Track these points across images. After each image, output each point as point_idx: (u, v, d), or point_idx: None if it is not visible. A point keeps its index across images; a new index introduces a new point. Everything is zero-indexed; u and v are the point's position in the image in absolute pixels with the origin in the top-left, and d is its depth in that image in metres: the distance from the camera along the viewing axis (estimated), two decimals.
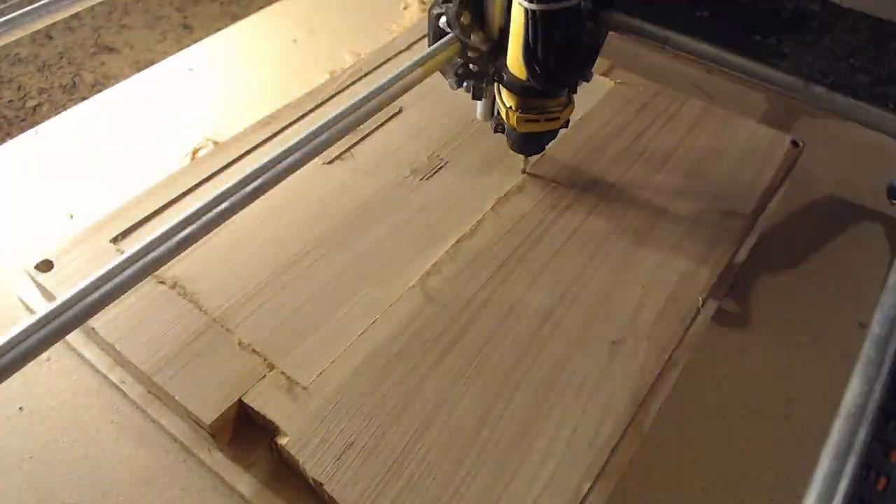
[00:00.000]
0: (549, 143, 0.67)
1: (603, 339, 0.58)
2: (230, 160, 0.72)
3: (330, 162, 0.72)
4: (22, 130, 0.83)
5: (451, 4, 0.60)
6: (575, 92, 0.62)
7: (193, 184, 0.69)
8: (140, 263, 0.44)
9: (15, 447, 0.55)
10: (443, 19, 0.61)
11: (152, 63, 0.94)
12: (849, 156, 0.82)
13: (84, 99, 0.89)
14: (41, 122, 0.84)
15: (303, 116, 0.77)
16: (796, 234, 0.74)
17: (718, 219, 0.67)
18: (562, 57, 0.53)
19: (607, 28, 0.62)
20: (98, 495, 0.53)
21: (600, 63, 0.85)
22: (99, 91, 0.91)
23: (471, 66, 0.63)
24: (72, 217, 0.73)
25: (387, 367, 0.55)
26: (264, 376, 0.54)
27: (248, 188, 0.51)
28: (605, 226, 0.67)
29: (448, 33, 0.61)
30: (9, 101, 1.36)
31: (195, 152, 0.78)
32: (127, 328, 0.57)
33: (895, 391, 0.47)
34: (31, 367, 0.60)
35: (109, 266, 0.44)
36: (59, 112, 0.85)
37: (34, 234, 0.71)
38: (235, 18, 1.07)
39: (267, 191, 0.52)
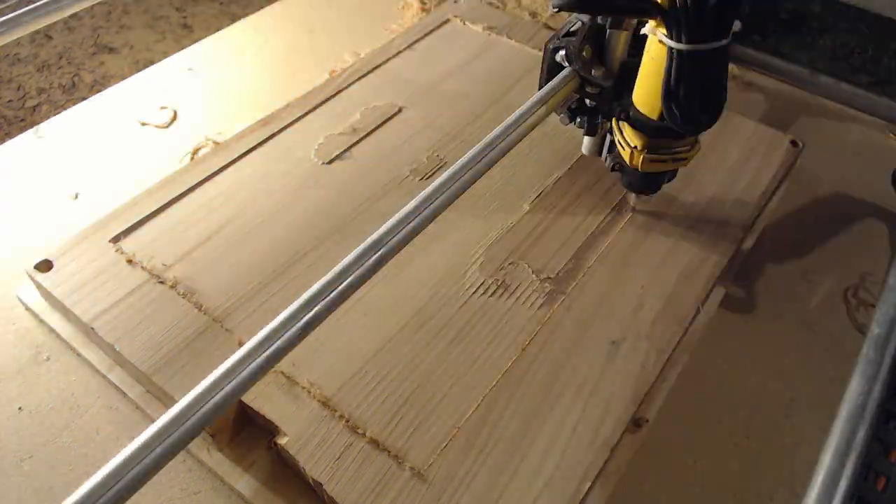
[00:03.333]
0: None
1: (603, 339, 0.58)
2: (230, 160, 0.72)
3: (330, 162, 0.72)
4: (21, 130, 0.83)
5: (572, 38, 0.58)
6: None
7: (193, 183, 0.69)
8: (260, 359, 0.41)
9: (15, 447, 0.55)
10: (560, 53, 0.58)
11: (152, 63, 0.94)
12: (849, 156, 0.82)
13: (83, 99, 0.89)
14: (41, 122, 0.84)
15: (303, 116, 0.77)
16: (796, 234, 0.74)
17: (718, 218, 0.67)
18: (706, 99, 0.50)
19: None
20: None
21: None
22: (98, 91, 0.91)
23: (587, 101, 0.61)
24: (72, 217, 0.73)
25: (387, 367, 0.55)
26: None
27: (372, 259, 0.47)
28: (606, 225, 0.67)
29: (564, 67, 0.58)
30: (8, 101, 1.36)
31: (195, 152, 0.78)
32: (127, 328, 0.57)
33: (895, 391, 0.47)
34: (30, 367, 0.60)
35: (228, 364, 0.40)
36: (59, 112, 0.85)
37: (33, 234, 0.71)
38: (235, 18, 1.07)
39: (389, 260, 0.48)
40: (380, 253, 0.46)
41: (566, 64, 0.58)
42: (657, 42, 0.49)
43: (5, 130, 1.28)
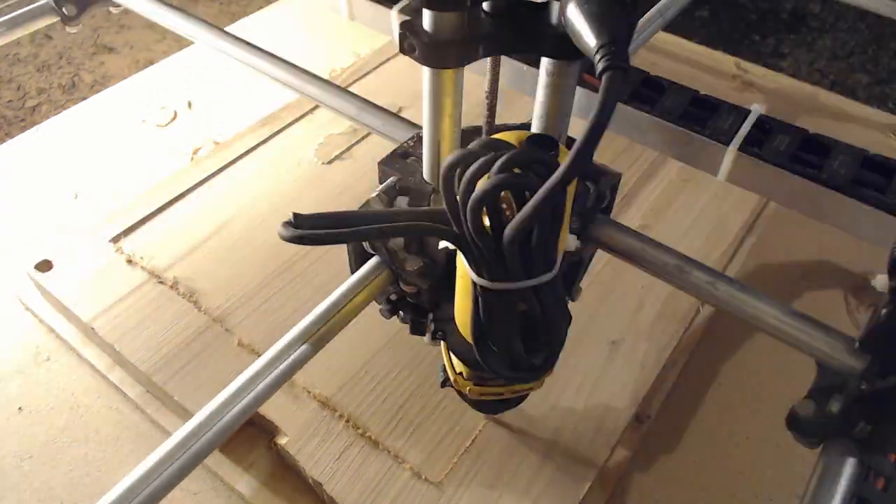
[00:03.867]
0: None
1: (603, 339, 0.58)
2: (230, 160, 0.72)
3: (330, 162, 0.72)
4: (21, 130, 0.83)
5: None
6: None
7: (193, 184, 0.69)
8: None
9: (15, 447, 0.55)
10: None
11: (151, 63, 0.94)
12: None
13: (83, 99, 0.89)
14: (41, 121, 0.84)
15: (302, 116, 0.77)
16: (796, 234, 0.74)
17: (718, 218, 0.67)
18: (534, 340, 0.38)
19: (595, 246, 0.45)
20: (98, 495, 0.53)
21: None
22: (98, 91, 0.91)
23: (407, 297, 0.44)
24: (72, 217, 0.72)
25: (386, 367, 0.55)
26: None
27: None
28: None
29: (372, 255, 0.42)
30: (8, 101, 1.36)
31: (195, 152, 0.78)
32: (127, 328, 0.57)
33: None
34: (30, 367, 0.60)
35: (242, 380, 0.37)
36: (59, 112, 0.85)
37: (33, 234, 0.71)
38: (235, 18, 1.07)
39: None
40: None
41: (371, 251, 0.42)
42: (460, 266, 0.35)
43: (5, 130, 1.29)
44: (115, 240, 0.64)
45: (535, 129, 0.39)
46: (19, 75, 1.41)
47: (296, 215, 0.34)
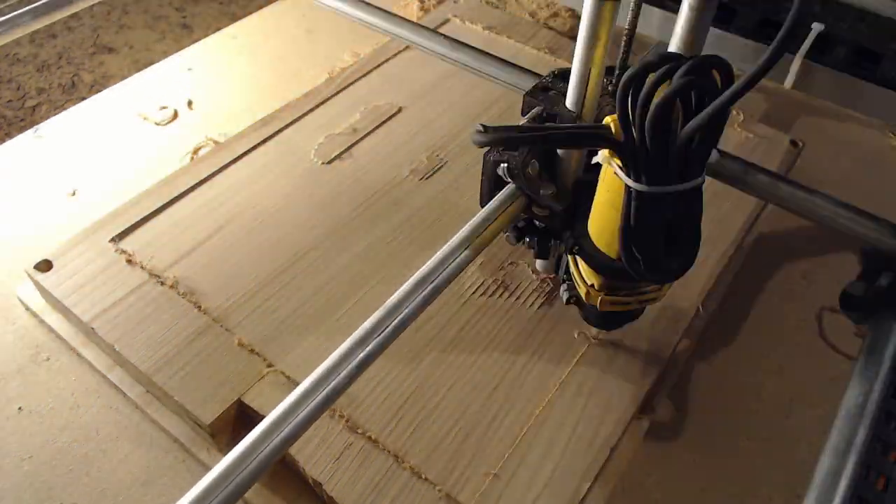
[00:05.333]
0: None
1: (603, 338, 0.58)
2: (230, 160, 0.72)
3: (330, 162, 0.72)
4: (21, 130, 0.83)
5: (515, 154, 0.48)
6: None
7: (193, 183, 0.69)
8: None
9: (15, 447, 0.55)
10: (502, 166, 0.48)
11: (151, 63, 0.94)
12: (849, 156, 0.82)
13: (83, 99, 0.89)
14: (40, 122, 0.84)
15: (302, 116, 0.77)
16: (796, 234, 0.74)
17: (718, 218, 0.67)
18: (675, 244, 0.41)
19: None
20: (98, 495, 0.53)
21: None
22: (98, 91, 0.91)
23: (536, 222, 0.50)
24: (71, 218, 0.72)
25: (386, 367, 0.55)
26: (264, 376, 0.54)
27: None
28: None
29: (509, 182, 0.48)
30: (8, 101, 1.36)
31: (195, 152, 0.78)
32: (127, 328, 0.57)
33: (895, 391, 0.47)
34: (30, 367, 0.60)
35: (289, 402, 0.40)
36: (59, 112, 0.85)
37: (33, 234, 0.71)
38: (235, 18, 1.07)
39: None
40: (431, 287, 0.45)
41: (508, 179, 0.48)
42: (612, 172, 0.40)
43: (5, 130, 1.28)
44: (115, 240, 0.64)
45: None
46: (19, 75, 1.41)
47: (484, 125, 0.39)
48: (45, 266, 0.61)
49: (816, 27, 0.81)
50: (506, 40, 0.89)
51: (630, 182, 0.38)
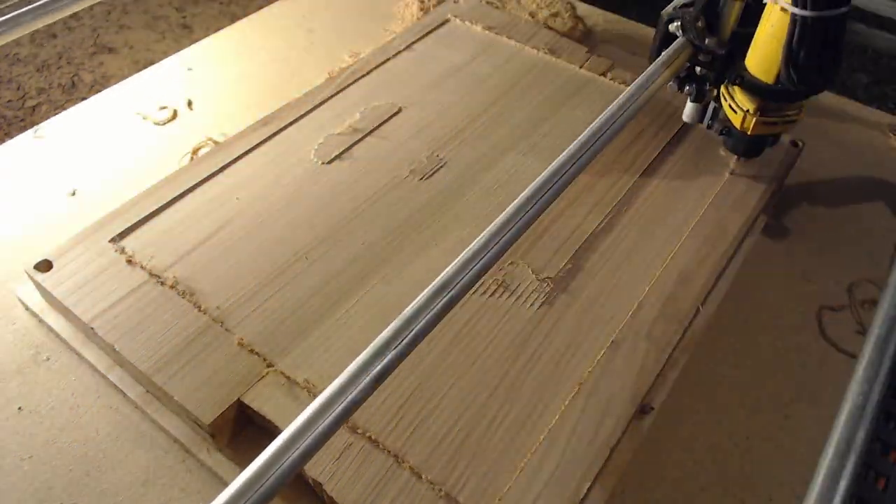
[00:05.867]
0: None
1: (603, 339, 0.58)
2: (230, 160, 0.72)
3: (330, 162, 0.72)
4: (21, 130, 0.83)
5: (688, 9, 0.62)
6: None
7: (193, 183, 0.69)
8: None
9: (15, 447, 0.55)
10: (675, 23, 0.63)
11: (151, 63, 0.94)
12: (849, 156, 0.82)
13: (83, 99, 0.89)
14: (40, 122, 0.84)
15: (303, 116, 0.77)
16: (796, 234, 0.74)
17: (718, 218, 0.67)
18: (826, 61, 0.54)
19: None
20: (97, 495, 0.53)
21: (599, 63, 0.85)
22: (98, 91, 0.91)
23: (697, 69, 0.64)
24: (71, 218, 0.72)
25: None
26: (264, 376, 0.54)
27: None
28: (606, 225, 0.67)
29: (677, 38, 0.63)
30: (8, 101, 1.36)
31: (195, 152, 0.78)
32: (126, 328, 0.57)
33: (895, 391, 0.47)
34: (30, 367, 0.60)
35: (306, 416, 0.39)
36: (59, 112, 0.85)
37: (33, 234, 0.71)
38: (235, 18, 1.07)
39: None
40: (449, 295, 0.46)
41: (679, 34, 0.63)
42: (779, 10, 0.54)
43: (5, 130, 1.29)
44: (115, 240, 0.64)
45: None
46: (19, 75, 1.41)
47: None
48: (45, 266, 0.61)
49: None
50: (506, 40, 0.89)
51: (798, 11, 0.52)
